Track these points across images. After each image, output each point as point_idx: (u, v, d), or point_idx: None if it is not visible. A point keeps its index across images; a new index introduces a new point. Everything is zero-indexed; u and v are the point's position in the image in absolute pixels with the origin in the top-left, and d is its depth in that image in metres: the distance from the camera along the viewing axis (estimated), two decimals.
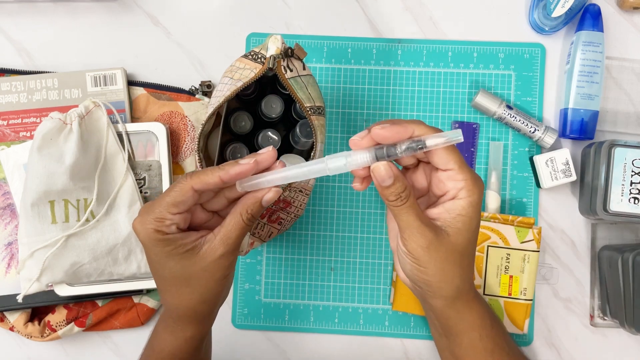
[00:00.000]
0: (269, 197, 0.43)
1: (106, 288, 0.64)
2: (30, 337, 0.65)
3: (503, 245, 0.64)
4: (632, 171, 0.61)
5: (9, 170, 0.65)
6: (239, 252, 0.51)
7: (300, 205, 0.57)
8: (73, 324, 0.65)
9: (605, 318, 0.66)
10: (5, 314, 0.66)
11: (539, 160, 0.66)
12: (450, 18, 0.70)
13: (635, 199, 0.61)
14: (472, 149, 0.68)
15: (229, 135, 0.62)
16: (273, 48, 0.51)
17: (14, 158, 0.65)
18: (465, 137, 0.68)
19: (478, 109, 0.67)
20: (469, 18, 0.70)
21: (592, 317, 0.67)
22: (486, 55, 0.69)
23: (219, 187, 0.44)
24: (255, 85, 0.60)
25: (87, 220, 0.62)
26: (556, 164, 0.66)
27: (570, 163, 0.65)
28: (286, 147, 0.62)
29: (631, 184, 0.61)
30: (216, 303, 0.48)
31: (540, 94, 0.69)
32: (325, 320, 0.68)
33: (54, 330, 0.65)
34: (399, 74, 0.69)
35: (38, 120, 0.67)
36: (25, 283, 0.62)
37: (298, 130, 0.59)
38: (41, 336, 0.65)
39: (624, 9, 0.69)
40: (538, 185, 0.68)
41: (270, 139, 0.60)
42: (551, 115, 0.69)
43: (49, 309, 0.66)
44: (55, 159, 0.60)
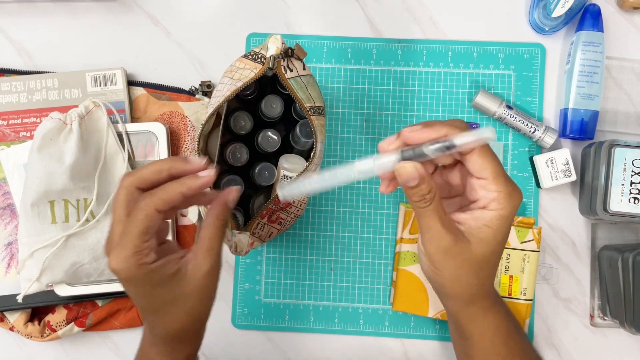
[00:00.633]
0: (233, 197, 0.44)
1: (106, 288, 0.64)
2: (30, 337, 0.65)
3: None
4: (632, 171, 0.61)
5: (9, 170, 0.65)
6: (239, 253, 0.51)
7: (300, 205, 0.57)
8: (73, 324, 0.65)
9: (606, 318, 0.66)
10: (5, 314, 0.66)
11: (539, 160, 0.66)
12: (450, 18, 0.70)
13: (635, 199, 0.61)
14: None
15: (229, 136, 0.62)
16: (273, 48, 0.51)
17: (14, 158, 0.65)
18: None
19: (478, 109, 0.67)
20: (469, 18, 0.70)
21: (592, 317, 0.67)
22: (486, 55, 0.69)
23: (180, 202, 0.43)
24: (255, 85, 0.60)
25: (87, 220, 0.62)
26: (556, 164, 0.65)
27: (570, 163, 0.65)
28: (286, 147, 0.62)
29: (631, 184, 0.61)
30: (208, 315, 0.47)
31: (540, 94, 0.69)
32: (325, 321, 0.68)
33: (54, 330, 0.65)
34: (399, 74, 0.69)
35: (38, 120, 0.67)
36: (25, 283, 0.62)
37: (298, 130, 0.59)
38: (41, 336, 0.65)
39: (624, 9, 0.69)
40: (538, 185, 0.68)
41: (270, 139, 0.60)
42: (551, 115, 0.69)
43: (49, 309, 0.66)
44: (55, 159, 0.60)
